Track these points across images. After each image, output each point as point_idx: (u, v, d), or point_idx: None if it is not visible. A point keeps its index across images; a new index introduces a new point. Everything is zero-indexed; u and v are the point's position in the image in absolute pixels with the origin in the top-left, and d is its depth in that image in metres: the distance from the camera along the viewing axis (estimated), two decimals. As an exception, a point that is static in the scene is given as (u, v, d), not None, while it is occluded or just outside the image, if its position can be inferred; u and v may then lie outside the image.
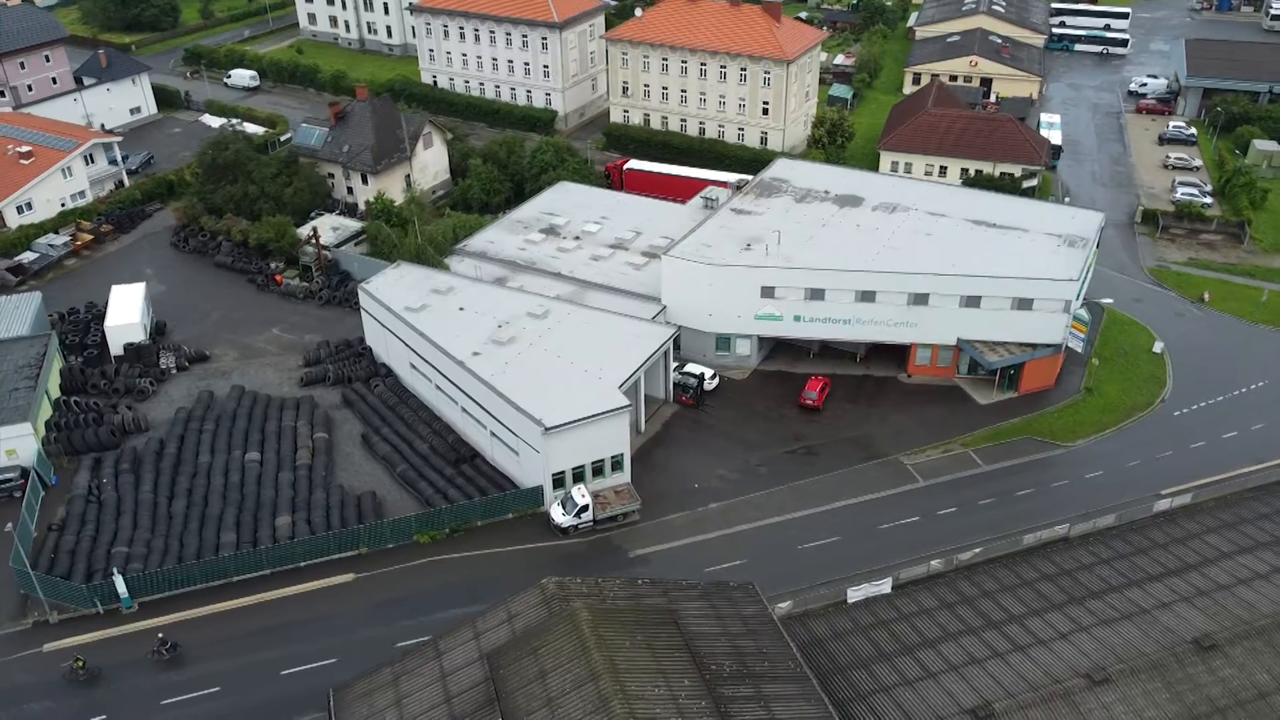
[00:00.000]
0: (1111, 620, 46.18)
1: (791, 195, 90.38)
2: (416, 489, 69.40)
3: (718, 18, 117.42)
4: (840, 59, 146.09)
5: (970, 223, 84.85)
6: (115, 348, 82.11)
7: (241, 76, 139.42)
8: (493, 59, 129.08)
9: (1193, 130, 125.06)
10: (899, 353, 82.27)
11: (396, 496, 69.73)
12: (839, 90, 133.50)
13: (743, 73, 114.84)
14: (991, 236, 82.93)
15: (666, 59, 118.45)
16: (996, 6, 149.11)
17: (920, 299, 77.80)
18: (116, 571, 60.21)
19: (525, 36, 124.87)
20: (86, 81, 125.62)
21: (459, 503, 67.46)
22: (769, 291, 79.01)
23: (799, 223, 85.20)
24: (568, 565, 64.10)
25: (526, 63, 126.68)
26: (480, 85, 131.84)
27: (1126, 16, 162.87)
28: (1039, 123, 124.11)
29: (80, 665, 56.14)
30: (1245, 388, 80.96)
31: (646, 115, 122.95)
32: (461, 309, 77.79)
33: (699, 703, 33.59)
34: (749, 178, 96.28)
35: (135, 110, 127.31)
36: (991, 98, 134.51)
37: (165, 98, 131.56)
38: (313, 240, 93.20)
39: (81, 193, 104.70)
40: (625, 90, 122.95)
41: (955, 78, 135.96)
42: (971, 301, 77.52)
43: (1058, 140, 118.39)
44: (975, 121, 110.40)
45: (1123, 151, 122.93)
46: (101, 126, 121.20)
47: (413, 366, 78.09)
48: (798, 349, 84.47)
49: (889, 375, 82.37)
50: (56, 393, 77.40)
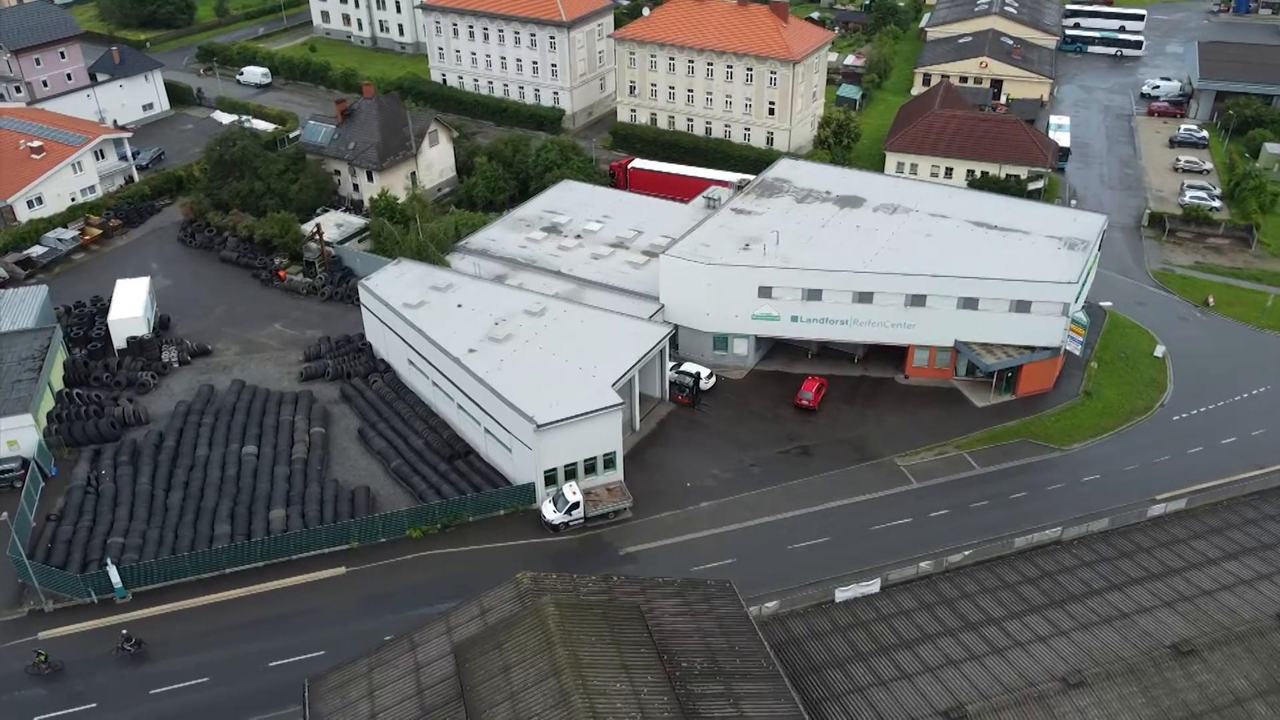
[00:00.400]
0: (1091, 624, 46.00)
1: (792, 195, 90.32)
2: (410, 484, 69.84)
3: (725, 17, 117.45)
4: (850, 59, 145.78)
5: (971, 224, 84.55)
6: (118, 341, 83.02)
7: (254, 74, 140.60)
8: (501, 58, 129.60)
9: (1204, 133, 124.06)
10: (897, 354, 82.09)
11: (390, 491, 70.19)
12: (847, 91, 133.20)
13: (749, 73, 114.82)
14: (992, 238, 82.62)
15: (674, 58, 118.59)
16: (1009, 8, 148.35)
17: (918, 300, 77.62)
18: (110, 562, 60.93)
19: (534, 35, 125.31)
20: (100, 78, 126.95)
21: (451, 498, 67.87)
22: (766, 291, 79.01)
23: (799, 223, 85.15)
24: (558, 562, 64.35)
25: (535, 62, 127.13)
26: (489, 84, 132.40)
27: (1142, 18, 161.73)
28: (1048, 125, 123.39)
29: (43, 660, 56.57)
30: (1247, 393, 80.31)
31: (653, 115, 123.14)
32: (459, 306, 78.19)
33: (662, 698, 33.77)
34: (750, 177, 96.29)
35: (148, 106, 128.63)
36: (1002, 99, 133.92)
37: (178, 94, 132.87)
38: (316, 236, 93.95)
39: (91, 188, 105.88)
40: (632, 89, 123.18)
41: (966, 79, 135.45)
42: (969, 303, 77.26)
43: (1066, 142, 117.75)
44: (982, 123, 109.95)
45: (1132, 154, 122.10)
46: (114, 122, 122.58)
47: (410, 363, 78.58)
48: (796, 349, 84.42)
49: (886, 376, 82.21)
50: (59, 385, 78.35)
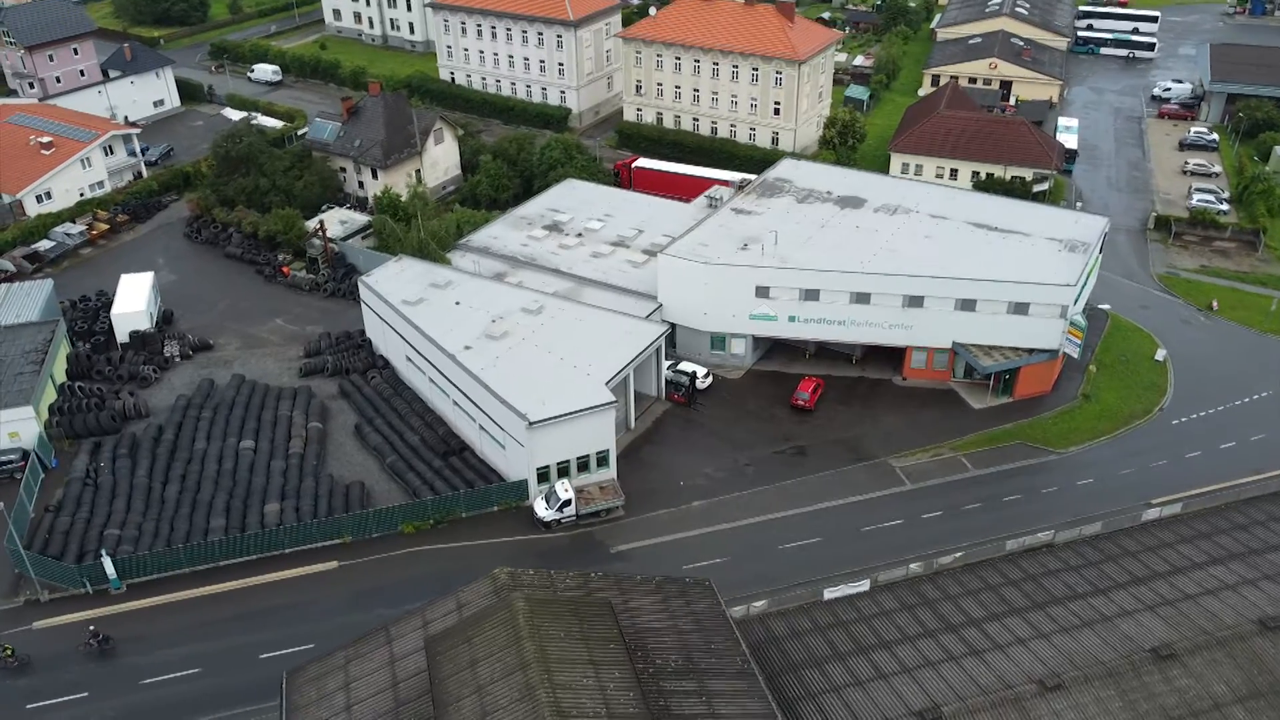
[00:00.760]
0: (1072, 627, 45.84)
1: (793, 196, 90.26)
2: (404, 480, 70.26)
3: (731, 17, 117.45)
4: (859, 60, 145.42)
5: (971, 226, 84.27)
6: (121, 335, 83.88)
7: (264, 71, 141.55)
8: (509, 56, 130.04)
9: (1214, 136, 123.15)
10: (896, 355, 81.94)
11: (385, 487, 70.61)
12: (855, 91, 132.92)
13: (754, 73, 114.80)
14: (992, 240, 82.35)
15: (679, 58, 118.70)
16: (1020, 9, 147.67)
17: (915, 301, 77.46)
18: (105, 553, 61.59)
19: (541, 34, 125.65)
20: (111, 74, 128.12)
21: (445, 494, 68.22)
22: (763, 291, 79.01)
23: (798, 223, 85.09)
24: (549, 559, 64.49)
25: (542, 60, 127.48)
26: (497, 82, 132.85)
27: (1155, 20, 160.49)
28: (1056, 126, 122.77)
29: (9, 654, 57.14)
30: (1248, 398, 79.74)
31: (659, 114, 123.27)
32: (457, 303, 78.54)
33: (628, 694, 33.93)
34: (751, 177, 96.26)
35: (158, 103, 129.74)
36: (1011, 100, 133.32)
37: (189, 91, 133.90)
38: (319, 233, 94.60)
39: (100, 183, 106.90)
40: (639, 89, 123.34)
41: (975, 80, 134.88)
42: (967, 305, 77.05)
43: (1073, 144, 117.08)
44: (987, 124, 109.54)
45: (1141, 157, 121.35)
46: (125, 119, 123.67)
47: (408, 359, 79.03)
48: (794, 350, 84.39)
49: (884, 378, 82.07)
50: (62, 378, 79.20)
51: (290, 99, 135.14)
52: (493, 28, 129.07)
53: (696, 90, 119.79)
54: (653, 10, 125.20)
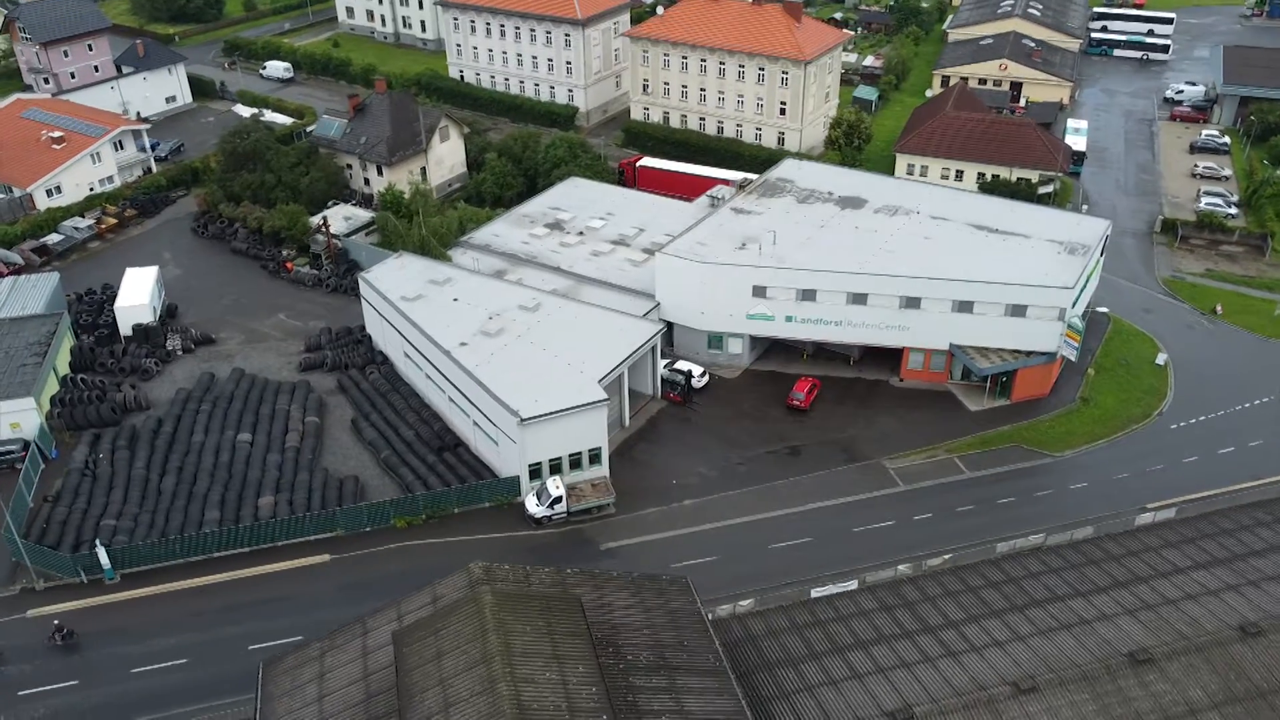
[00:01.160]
0: (1050, 630, 45.69)
1: (794, 196, 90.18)
2: (398, 474, 70.73)
3: (738, 17, 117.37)
4: (869, 60, 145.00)
5: (971, 227, 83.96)
6: (124, 328, 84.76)
7: (276, 68, 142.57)
8: (518, 55, 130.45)
9: (1226, 139, 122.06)
10: (893, 357, 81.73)
11: (379, 481, 71.12)
12: (863, 92, 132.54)
13: (761, 72, 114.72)
14: (991, 242, 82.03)
15: (686, 57, 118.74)
16: (1033, 10, 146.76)
17: (912, 302, 77.26)
18: (99, 543, 62.32)
19: (549, 33, 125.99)
20: (125, 70, 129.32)
21: (437, 490, 68.62)
22: (760, 291, 79.00)
23: (798, 223, 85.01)
24: (539, 555, 64.80)
25: (550, 59, 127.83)
26: (505, 80, 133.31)
27: (1171, 22, 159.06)
28: (1065, 128, 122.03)
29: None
30: (1248, 403, 79.07)
31: (666, 113, 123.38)
32: (455, 300, 78.94)
33: (590, 689, 34.10)
34: (753, 177, 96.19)
35: (171, 99, 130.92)
36: (1021, 102, 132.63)
37: (201, 87, 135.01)
38: (323, 229, 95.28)
39: (110, 178, 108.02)
40: (645, 88, 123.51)
41: (985, 81, 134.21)
42: (964, 306, 76.78)
43: (1082, 146, 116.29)
44: (993, 125, 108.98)
45: (1151, 159, 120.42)
46: (137, 114, 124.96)
47: (406, 355, 79.52)
48: (792, 350, 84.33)
49: (881, 379, 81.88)
50: (65, 370, 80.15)
51: (301, 96, 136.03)
52: (501, 26, 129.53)
53: (703, 90, 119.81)
54: (660, 9, 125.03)
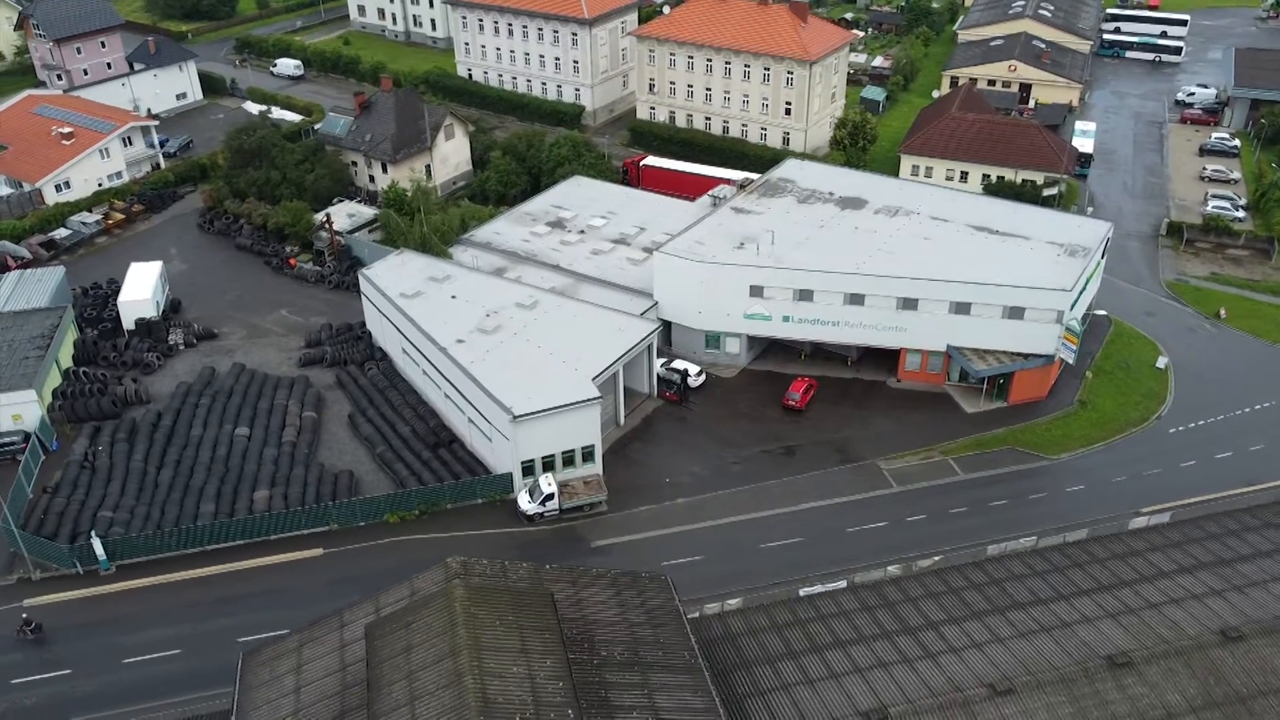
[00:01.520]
0: (1030, 632, 45.58)
1: (795, 196, 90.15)
2: (393, 470, 71.16)
3: (744, 16, 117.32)
4: (878, 61, 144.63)
5: (971, 229, 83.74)
6: (128, 322, 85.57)
7: (287, 65, 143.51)
8: (525, 53, 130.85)
9: (1236, 142, 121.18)
10: (891, 358, 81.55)
11: (374, 477, 71.58)
12: (871, 92, 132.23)
13: (766, 72, 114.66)
14: (991, 243, 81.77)
15: (692, 57, 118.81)
16: (1044, 11, 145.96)
17: (909, 304, 77.10)
18: (94, 535, 62.99)
19: (556, 32, 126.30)
20: (136, 67, 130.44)
21: (431, 485, 68.99)
22: (757, 291, 79.01)
23: (797, 223, 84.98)
24: (530, 552, 65.06)
25: (557, 58, 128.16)
26: (513, 79, 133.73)
27: (1185, 24, 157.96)
28: (1073, 130, 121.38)
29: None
30: (1249, 408, 78.51)
31: (672, 113, 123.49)
32: (453, 297, 79.31)
33: (557, 683, 34.32)
34: (755, 177, 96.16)
35: (181, 96, 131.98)
36: (1030, 104, 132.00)
37: (212, 85, 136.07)
38: (326, 226, 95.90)
39: (118, 173, 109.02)
40: (652, 87, 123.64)
41: (994, 82, 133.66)
42: (961, 308, 76.56)
43: (1089, 148, 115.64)
44: (998, 127, 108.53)
45: (1159, 162, 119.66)
46: (148, 111, 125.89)
47: (404, 352, 79.98)
48: (790, 350, 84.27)
49: (878, 380, 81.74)
50: (68, 363, 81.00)
51: (311, 93, 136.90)
52: (509, 25, 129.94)
53: (709, 89, 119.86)
54: (666, 9, 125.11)
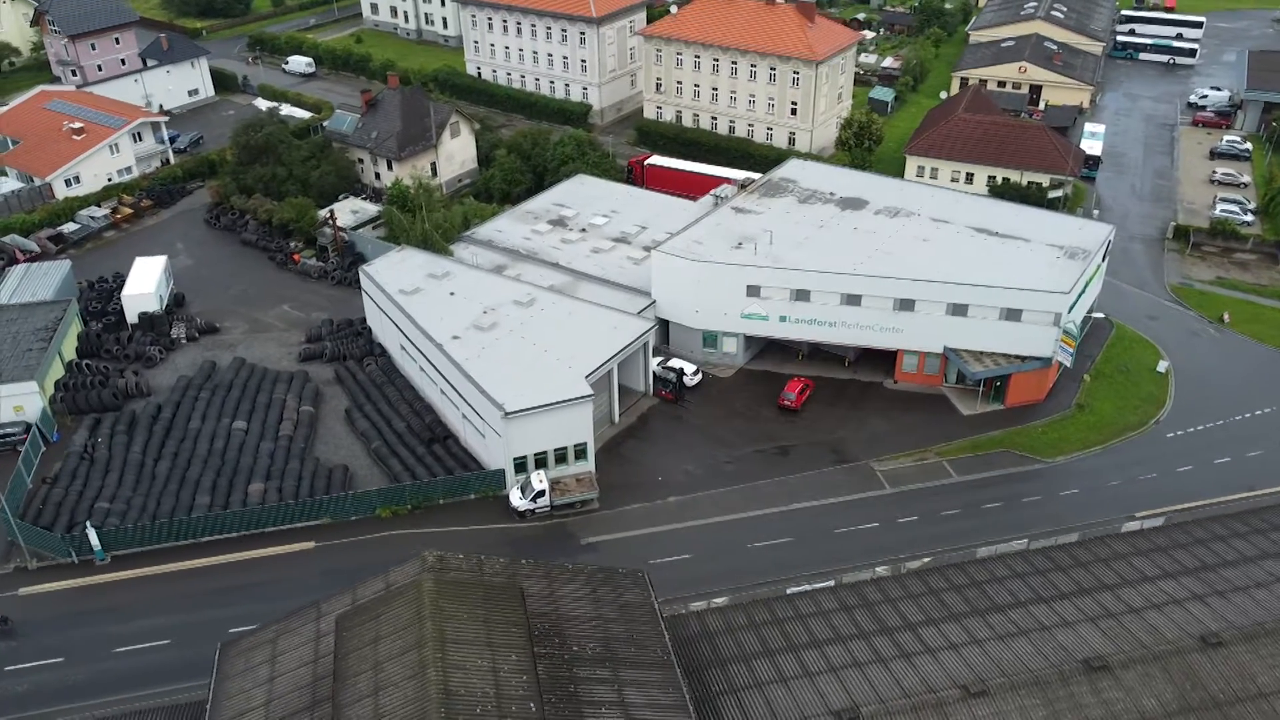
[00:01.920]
0: (1008, 635, 45.42)
1: (796, 196, 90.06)
2: (387, 465, 71.62)
3: (751, 16, 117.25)
4: (888, 61, 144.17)
5: (971, 230, 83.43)
6: (131, 316, 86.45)
7: (298, 63, 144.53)
8: (533, 52, 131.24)
9: (1248, 145, 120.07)
10: (889, 359, 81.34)
11: (369, 471, 72.07)
12: (880, 93, 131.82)
13: (772, 72, 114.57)
14: (991, 245, 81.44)
15: (699, 56, 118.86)
16: (1056, 12, 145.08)
17: (906, 305, 76.91)
18: (89, 525, 63.74)
19: (564, 31, 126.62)
20: (149, 64, 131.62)
21: (425, 480, 69.39)
22: (754, 290, 79.00)
23: (796, 223, 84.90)
24: (520, 548, 65.45)
25: (565, 57, 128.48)
26: (521, 78, 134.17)
27: (1200, 26, 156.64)
28: (1082, 132, 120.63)
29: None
30: (1249, 413, 77.86)
31: (679, 112, 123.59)
32: (452, 294, 79.70)
33: (521, 677, 34.53)
34: (756, 176, 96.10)
35: (193, 92, 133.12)
36: (1040, 105, 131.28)
37: (224, 81, 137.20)
38: (330, 222, 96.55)
39: (128, 169, 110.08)
40: (659, 86, 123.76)
41: (1004, 84, 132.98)
42: (958, 310, 76.29)
43: (1097, 151, 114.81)
44: (1004, 128, 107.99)
45: (1169, 165, 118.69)
46: (159, 107, 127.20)
47: (402, 348, 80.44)
48: (787, 350, 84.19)
49: (875, 381, 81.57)
50: (72, 355, 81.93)
51: (320, 91, 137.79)
52: (518, 23, 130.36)
53: (715, 89, 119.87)
54: (674, 8, 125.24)
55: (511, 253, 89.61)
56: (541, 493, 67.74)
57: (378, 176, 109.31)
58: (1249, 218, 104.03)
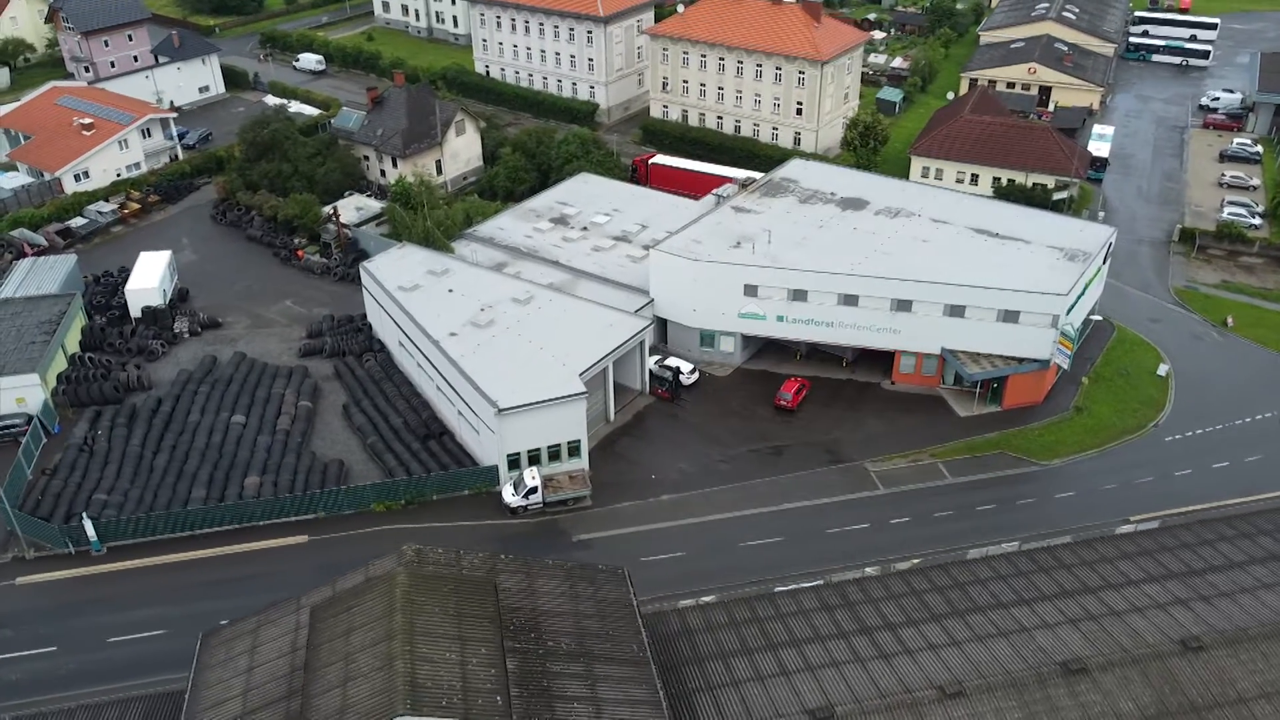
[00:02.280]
0: (988, 636, 45.34)
1: (797, 196, 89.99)
2: (382, 460, 72.03)
3: (758, 16, 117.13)
4: (898, 62, 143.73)
5: (971, 231, 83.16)
6: (135, 310, 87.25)
7: (309, 60, 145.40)
8: (541, 50, 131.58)
9: (1258, 148, 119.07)
10: (887, 360, 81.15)
11: (364, 466, 72.49)
12: (888, 93, 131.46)
13: (778, 72, 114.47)
14: (990, 246, 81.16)
15: (705, 55, 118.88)
16: (1067, 13, 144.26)
17: (903, 305, 76.73)
18: (85, 516, 64.42)
19: (572, 30, 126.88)
20: (161, 60, 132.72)
21: (419, 476, 69.75)
22: (752, 290, 79.00)
23: (796, 223, 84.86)
24: (511, 544, 65.63)
25: (572, 56, 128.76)
26: (529, 76, 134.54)
27: (1214, 27, 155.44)
28: (1090, 133, 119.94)
29: None
30: (1249, 418, 77.29)
31: (685, 111, 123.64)
32: (450, 291, 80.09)
33: (489, 670, 34.75)
34: (757, 176, 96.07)
35: (204, 89, 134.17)
36: (1050, 107, 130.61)
37: (235, 78, 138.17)
38: (333, 219, 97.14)
39: (137, 164, 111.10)
40: (665, 86, 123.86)
41: (1013, 85, 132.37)
42: (955, 311, 76.05)
43: (1105, 153, 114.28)
44: (1010, 129, 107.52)
45: (1178, 167, 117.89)
46: (170, 103, 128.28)
47: (400, 344, 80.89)
48: (785, 350, 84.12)
49: (873, 382, 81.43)
50: (76, 349, 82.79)
51: (331, 88, 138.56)
52: (526, 22, 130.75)
53: (721, 89, 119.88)
54: (681, 8, 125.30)
55: (512, 250, 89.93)
56: (534, 489, 67.99)
57: (383, 174, 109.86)
58: (1257, 221, 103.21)
